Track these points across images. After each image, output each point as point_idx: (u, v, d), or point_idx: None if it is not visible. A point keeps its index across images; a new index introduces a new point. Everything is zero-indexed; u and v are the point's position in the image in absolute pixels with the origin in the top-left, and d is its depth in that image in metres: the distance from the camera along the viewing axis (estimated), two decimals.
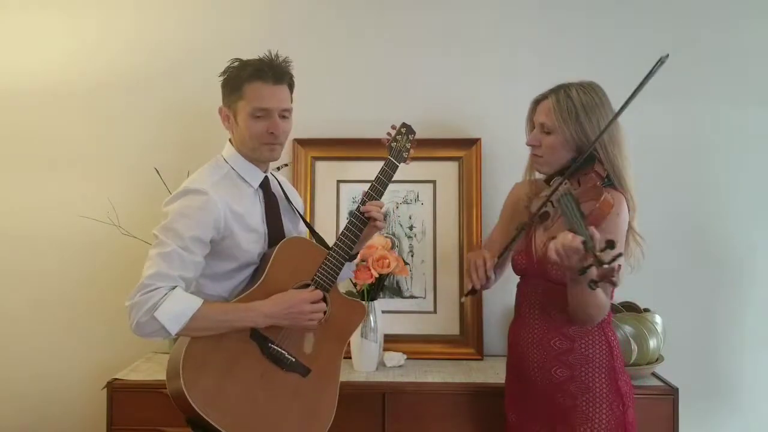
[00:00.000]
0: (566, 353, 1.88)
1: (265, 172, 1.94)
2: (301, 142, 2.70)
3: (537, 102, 1.95)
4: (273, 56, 1.87)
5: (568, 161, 1.87)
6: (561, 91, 1.87)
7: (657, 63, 1.72)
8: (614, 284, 1.55)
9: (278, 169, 2.50)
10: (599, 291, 1.71)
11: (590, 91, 1.86)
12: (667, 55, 1.71)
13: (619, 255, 1.54)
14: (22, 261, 2.73)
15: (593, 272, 1.55)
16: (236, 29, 2.71)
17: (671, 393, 2.26)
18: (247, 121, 1.84)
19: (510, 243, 1.93)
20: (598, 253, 1.55)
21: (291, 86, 1.91)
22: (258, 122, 1.84)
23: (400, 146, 2.01)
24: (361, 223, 1.92)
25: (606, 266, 1.53)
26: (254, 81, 1.82)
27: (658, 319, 2.41)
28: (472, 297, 1.86)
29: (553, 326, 1.90)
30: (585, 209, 1.71)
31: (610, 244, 1.53)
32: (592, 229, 1.61)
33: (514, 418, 2.00)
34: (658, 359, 2.37)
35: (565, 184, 1.81)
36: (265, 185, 1.94)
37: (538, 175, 2.02)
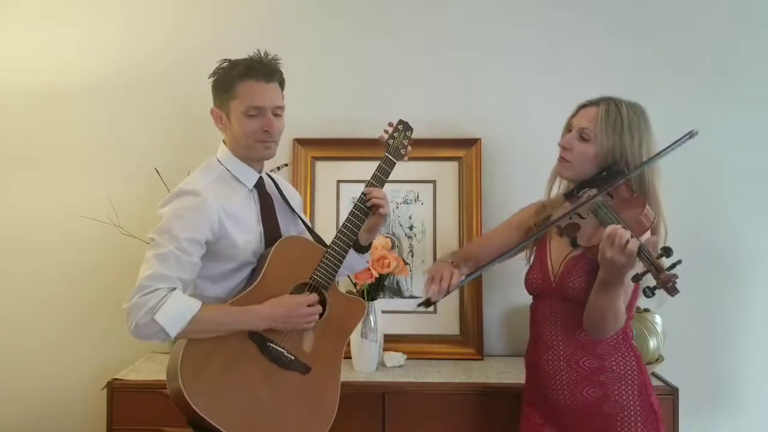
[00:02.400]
0: (597, 372, 1.82)
1: (259, 172, 1.94)
2: (301, 142, 2.70)
3: (582, 106, 1.89)
4: (262, 55, 1.87)
5: (592, 174, 1.84)
6: (612, 102, 1.84)
7: (685, 135, 1.71)
8: (672, 293, 1.52)
9: (278, 168, 2.50)
10: (620, 302, 1.70)
11: (638, 111, 1.84)
12: (697, 132, 1.71)
13: (679, 262, 1.52)
14: (22, 261, 2.73)
15: (649, 279, 1.54)
16: (235, 30, 2.71)
17: (671, 393, 2.25)
18: (240, 120, 1.84)
19: (515, 249, 1.88)
20: (655, 261, 1.53)
21: (282, 84, 1.91)
22: (252, 121, 1.83)
23: (397, 143, 2.00)
24: (362, 214, 1.91)
25: (664, 274, 1.51)
26: (246, 80, 1.82)
27: (658, 319, 2.41)
28: (425, 308, 1.82)
29: (579, 346, 1.84)
30: (624, 219, 1.68)
31: (667, 251, 1.52)
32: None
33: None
34: (658, 359, 2.37)
35: (598, 196, 1.76)
36: (259, 185, 1.94)
37: (554, 190, 1.98)
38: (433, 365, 2.50)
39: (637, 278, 1.59)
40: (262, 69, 1.84)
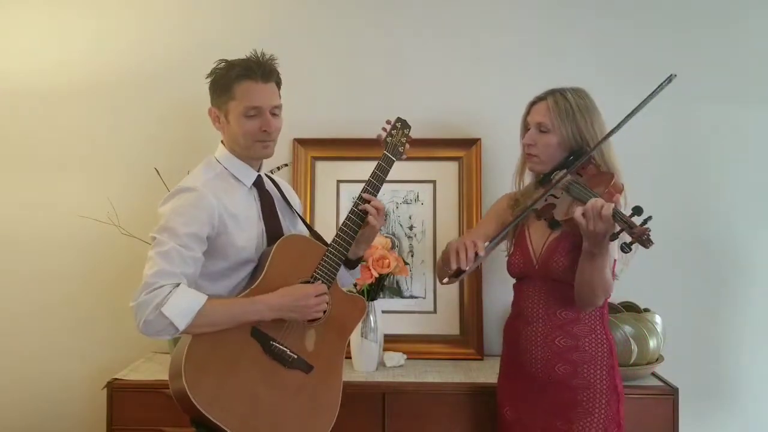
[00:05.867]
0: (570, 351, 1.94)
1: (257, 171, 1.95)
2: (301, 142, 2.71)
3: (532, 104, 2.05)
4: (259, 55, 1.88)
5: (561, 160, 1.98)
6: (557, 93, 2.00)
7: (665, 81, 1.84)
8: (647, 245, 1.63)
9: (278, 168, 2.51)
10: (607, 270, 1.82)
11: (583, 95, 2.00)
12: (675, 75, 1.83)
13: (650, 218, 1.64)
14: (22, 261, 2.72)
15: (625, 237, 1.67)
16: (236, 30, 2.71)
17: (671, 393, 2.26)
18: (239, 120, 1.85)
19: (507, 227, 1.97)
20: (628, 219, 1.66)
21: (278, 83, 1.92)
22: (250, 121, 1.85)
23: (395, 141, 2.02)
24: (358, 219, 1.92)
25: (638, 228, 1.63)
26: (244, 81, 1.84)
27: (658, 319, 2.41)
28: (454, 281, 1.94)
29: (557, 325, 1.95)
30: (595, 191, 1.80)
31: (637, 210, 1.65)
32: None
33: (510, 414, 2.03)
34: (658, 359, 2.38)
35: (568, 175, 1.90)
36: (258, 184, 1.95)
37: (526, 180, 2.12)
38: (433, 365, 2.50)
39: (614, 236, 1.71)
40: (259, 69, 1.85)
